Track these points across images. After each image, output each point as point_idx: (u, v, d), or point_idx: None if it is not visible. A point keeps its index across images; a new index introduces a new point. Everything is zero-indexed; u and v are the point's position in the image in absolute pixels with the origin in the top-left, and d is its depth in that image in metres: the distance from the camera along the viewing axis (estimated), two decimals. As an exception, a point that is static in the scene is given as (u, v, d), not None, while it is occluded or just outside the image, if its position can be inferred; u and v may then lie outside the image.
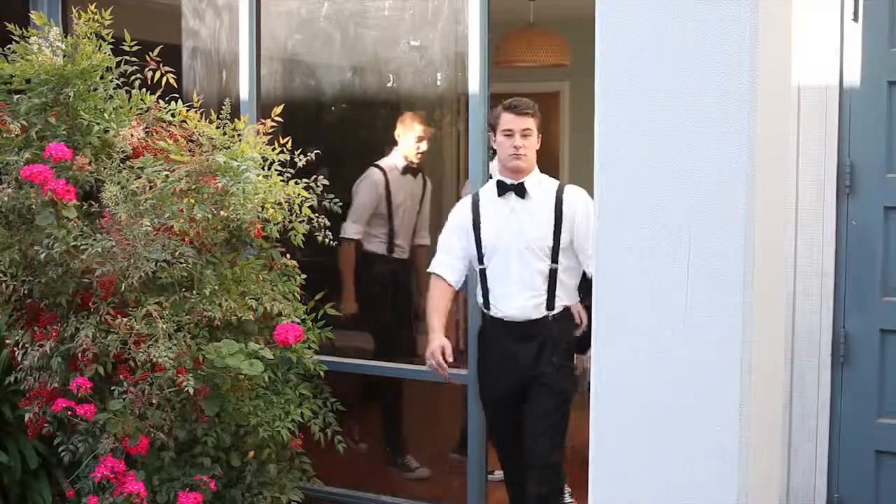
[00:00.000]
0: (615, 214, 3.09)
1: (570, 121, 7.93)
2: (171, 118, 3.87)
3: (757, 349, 2.95)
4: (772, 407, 3.24)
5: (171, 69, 3.86)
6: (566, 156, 7.93)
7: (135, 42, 3.80)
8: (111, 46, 3.82)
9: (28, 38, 3.83)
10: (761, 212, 2.95)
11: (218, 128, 3.84)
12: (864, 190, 3.60)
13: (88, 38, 3.77)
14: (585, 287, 3.77)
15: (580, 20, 3.51)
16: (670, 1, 2.99)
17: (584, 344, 3.84)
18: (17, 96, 3.75)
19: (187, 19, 5.13)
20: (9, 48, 3.81)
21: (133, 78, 3.86)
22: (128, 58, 3.82)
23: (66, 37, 3.87)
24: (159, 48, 3.84)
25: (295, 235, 3.95)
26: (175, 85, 3.89)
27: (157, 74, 3.83)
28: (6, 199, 3.48)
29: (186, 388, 3.39)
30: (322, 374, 4.02)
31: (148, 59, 3.83)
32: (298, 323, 3.75)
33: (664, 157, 3.00)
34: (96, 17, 3.77)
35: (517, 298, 3.86)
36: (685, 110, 2.97)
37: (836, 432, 3.65)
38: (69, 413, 3.45)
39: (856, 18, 3.55)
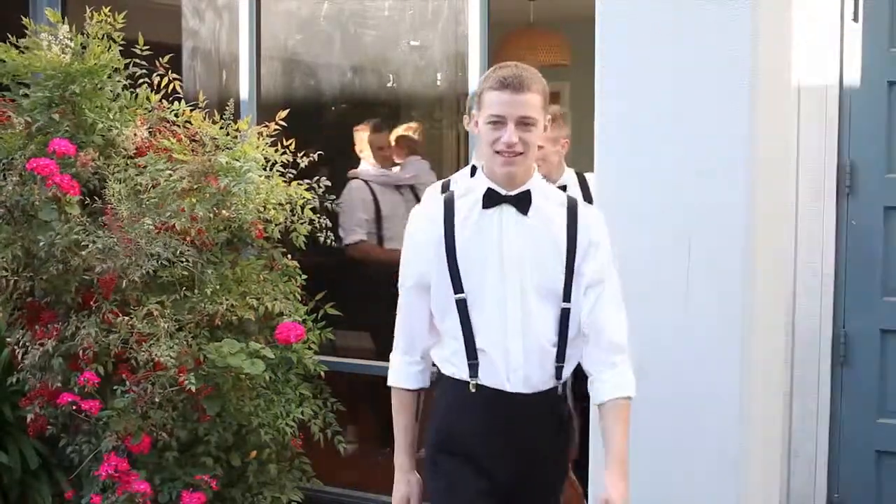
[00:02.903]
0: (614, 215, 3.10)
1: (571, 121, 7.91)
2: (174, 118, 3.88)
3: (757, 349, 2.95)
4: (771, 407, 3.24)
5: (173, 70, 3.87)
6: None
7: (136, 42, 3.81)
8: (119, 48, 3.83)
9: (39, 33, 3.85)
10: (761, 212, 2.95)
11: (221, 128, 3.85)
12: (864, 190, 3.59)
13: (99, 38, 3.78)
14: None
15: (580, 20, 3.51)
16: (670, 1, 2.99)
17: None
18: (23, 91, 3.76)
19: (187, 19, 5.12)
20: (21, 41, 3.82)
21: (141, 81, 3.87)
22: (137, 60, 3.83)
23: (76, 35, 3.88)
24: (169, 56, 3.86)
25: (297, 237, 3.96)
26: (179, 88, 3.90)
27: (165, 80, 3.84)
28: (11, 192, 3.49)
29: (188, 388, 3.39)
30: (322, 374, 4.02)
31: (158, 64, 3.84)
32: (299, 323, 3.76)
33: (664, 158, 3.00)
34: (109, 19, 3.78)
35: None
36: (685, 111, 2.97)
37: (836, 432, 3.65)
38: (73, 408, 3.45)
39: (856, 18, 3.55)
